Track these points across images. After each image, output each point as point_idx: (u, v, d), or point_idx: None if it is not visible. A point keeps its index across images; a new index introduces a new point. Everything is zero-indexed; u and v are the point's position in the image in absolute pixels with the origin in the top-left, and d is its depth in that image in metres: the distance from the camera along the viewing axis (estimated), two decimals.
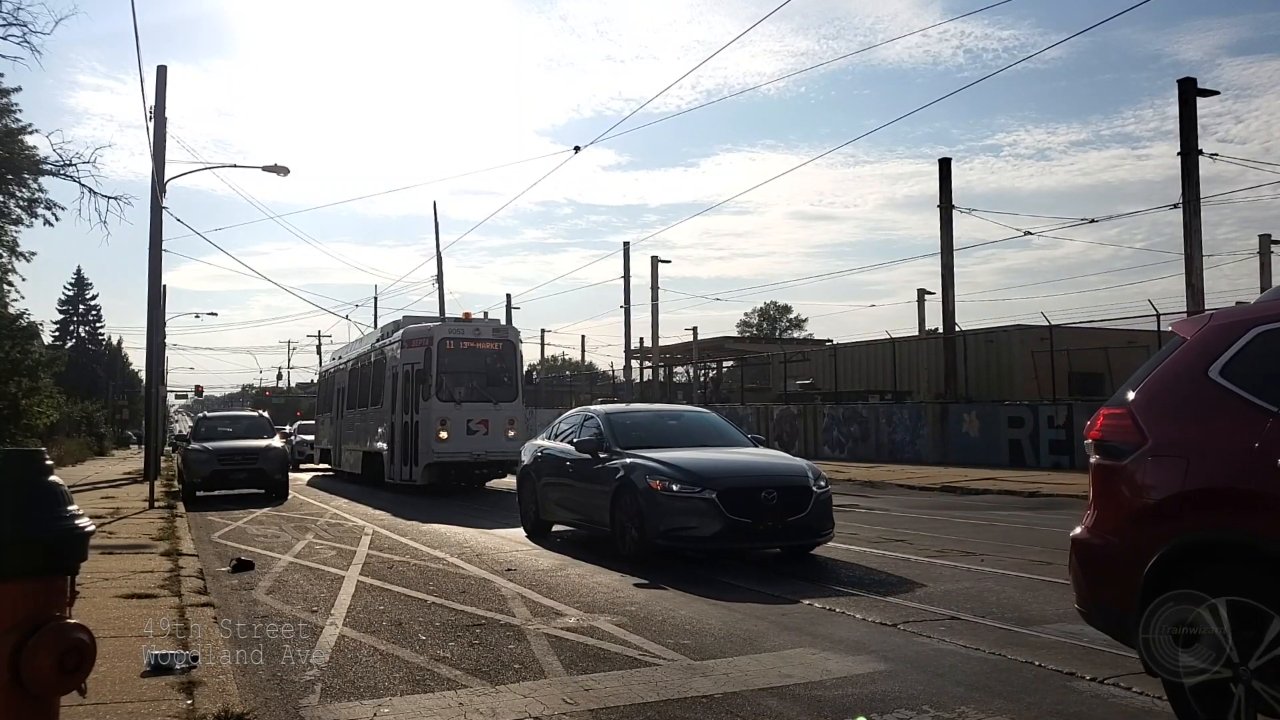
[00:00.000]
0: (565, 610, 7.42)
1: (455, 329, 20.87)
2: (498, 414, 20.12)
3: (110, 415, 63.41)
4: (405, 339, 21.07)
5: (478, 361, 20.80)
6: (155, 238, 23.82)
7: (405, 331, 21.52)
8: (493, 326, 21.84)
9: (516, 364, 21.23)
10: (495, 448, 19.85)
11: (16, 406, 27.85)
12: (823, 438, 32.10)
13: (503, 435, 19.91)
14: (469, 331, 20.85)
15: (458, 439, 19.63)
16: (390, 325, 24.15)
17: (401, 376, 20.87)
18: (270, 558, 10.56)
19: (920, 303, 48.63)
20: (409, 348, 20.68)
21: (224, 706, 4.58)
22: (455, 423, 19.67)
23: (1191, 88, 22.72)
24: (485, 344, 20.88)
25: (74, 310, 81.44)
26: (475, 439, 19.81)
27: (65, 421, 42.49)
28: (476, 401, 20.13)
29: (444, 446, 19.52)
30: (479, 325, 21.35)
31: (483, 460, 20.09)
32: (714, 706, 4.93)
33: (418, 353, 20.26)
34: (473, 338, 20.73)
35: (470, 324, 21.28)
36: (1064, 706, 4.92)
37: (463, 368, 20.58)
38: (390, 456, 21.18)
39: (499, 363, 21.00)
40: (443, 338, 20.36)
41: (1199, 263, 22.48)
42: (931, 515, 14.73)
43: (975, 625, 6.75)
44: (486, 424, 19.93)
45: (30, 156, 29.34)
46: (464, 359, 20.58)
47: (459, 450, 19.69)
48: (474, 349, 20.68)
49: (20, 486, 2.97)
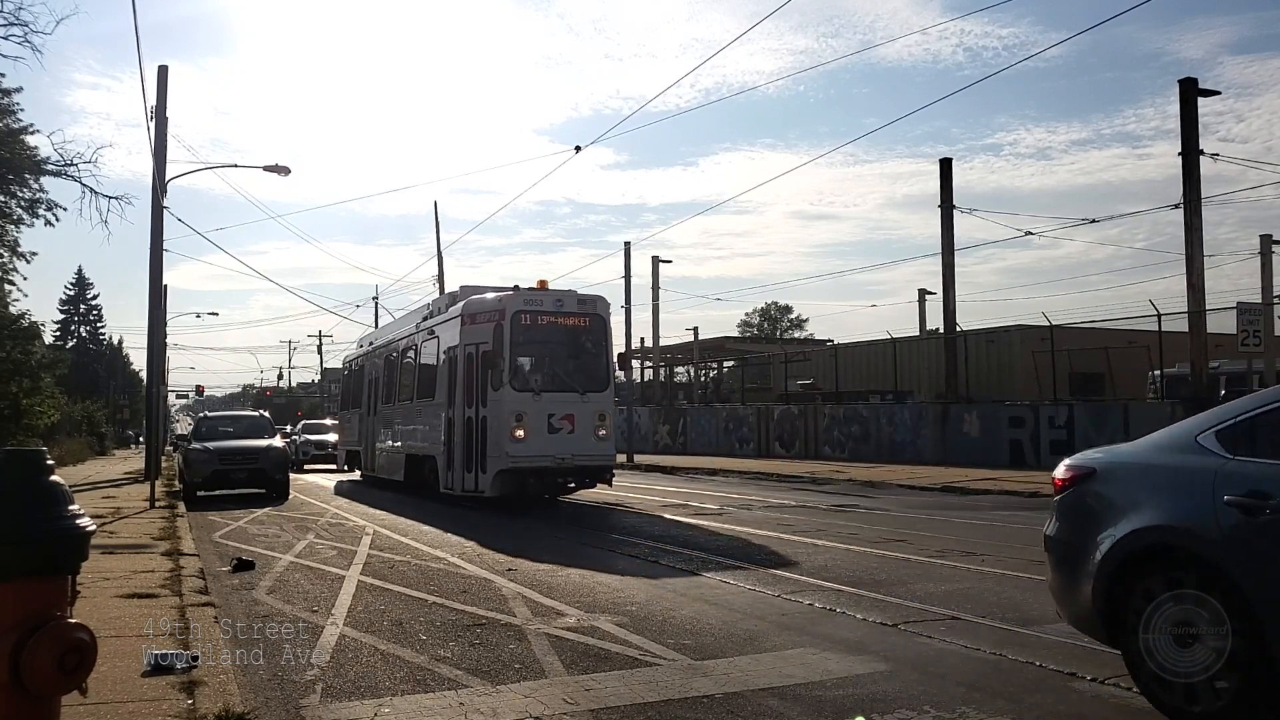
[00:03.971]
0: (566, 610, 7.42)
1: (532, 300, 16.64)
2: (585, 407, 16.31)
3: (111, 415, 63.43)
4: (467, 314, 17.09)
5: (561, 341, 16.94)
6: (156, 237, 23.81)
7: (466, 305, 17.39)
8: (578, 298, 17.23)
9: (607, 344, 17.26)
10: (583, 450, 16.14)
11: (17, 406, 27.85)
12: (823, 437, 32.10)
13: (591, 434, 16.22)
14: (549, 303, 16.70)
15: (537, 439, 15.82)
16: (443, 299, 20.17)
17: (462, 361, 16.91)
18: (271, 557, 10.56)
19: (921, 303, 48.57)
20: (472, 324, 16.82)
21: (225, 706, 4.58)
22: (534, 418, 15.86)
23: (1193, 87, 22.71)
24: (570, 319, 16.82)
25: (75, 310, 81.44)
26: (559, 439, 15.96)
27: (66, 421, 42.49)
28: (560, 391, 16.32)
29: (520, 448, 15.75)
30: (561, 296, 17.01)
31: (568, 466, 16.06)
32: (714, 706, 4.93)
33: (484, 330, 16.44)
34: (554, 311, 16.66)
35: (550, 294, 16.97)
36: (1064, 707, 4.92)
37: (542, 349, 16.90)
38: (447, 461, 17.20)
39: (587, 342, 17.04)
40: (517, 310, 16.28)
41: (1200, 263, 22.46)
42: (932, 515, 14.72)
43: (976, 625, 6.75)
44: (572, 420, 16.11)
45: (31, 156, 29.34)
46: (544, 337, 16.81)
47: (539, 453, 15.83)
48: (556, 325, 16.74)
49: (21, 486, 2.97)
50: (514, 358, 16.23)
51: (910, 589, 8.22)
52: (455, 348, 17.25)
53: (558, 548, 11.25)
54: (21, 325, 30.16)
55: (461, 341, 16.97)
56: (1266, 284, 30.90)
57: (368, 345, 26.97)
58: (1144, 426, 25.67)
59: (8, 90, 29.06)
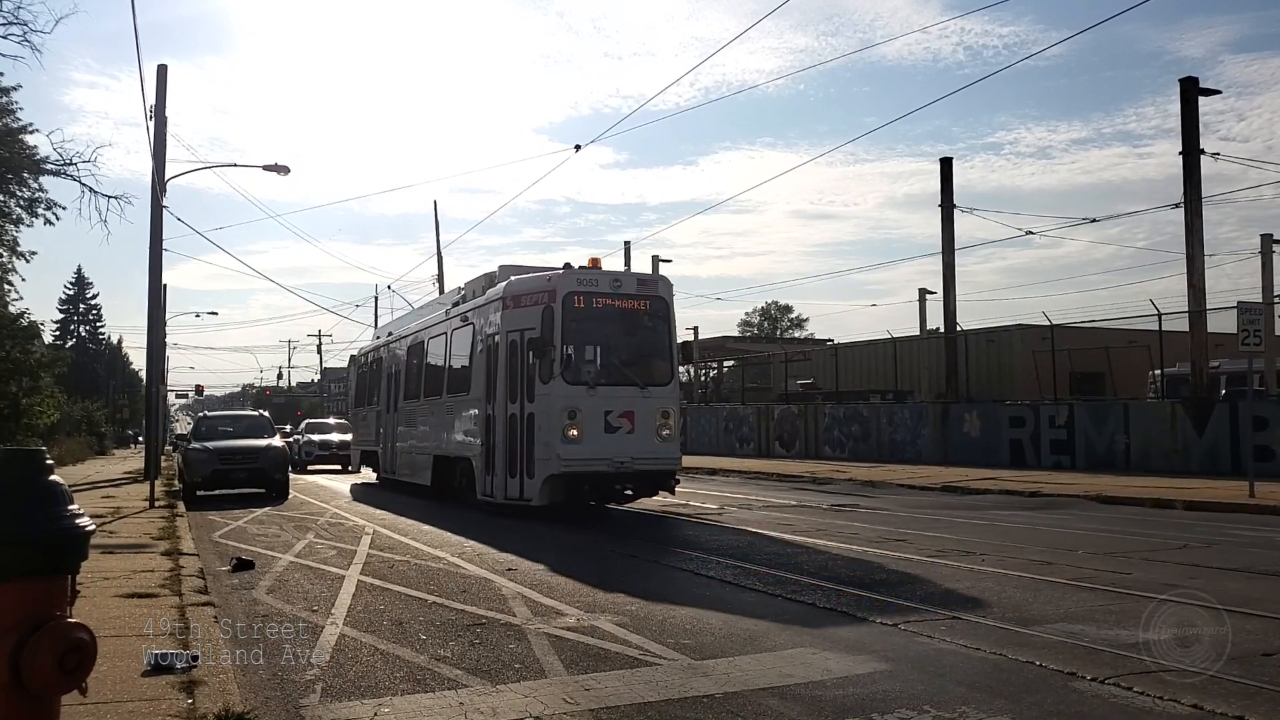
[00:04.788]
0: (566, 610, 7.42)
1: (586, 280, 14.60)
2: (646, 403, 14.34)
3: (111, 414, 63.39)
4: (510, 296, 15.10)
5: (618, 327, 15.00)
6: (155, 237, 23.81)
7: (510, 286, 15.34)
8: (637, 278, 15.58)
9: (670, 331, 15.24)
10: (644, 452, 14.15)
11: (17, 406, 27.87)
12: (823, 437, 32.10)
13: (652, 434, 14.28)
14: (605, 283, 14.71)
15: (593, 439, 13.91)
16: (478, 280, 17.80)
17: (503, 350, 14.97)
18: (271, 557, 10.56)
19: (921, 302, 48.67)
20: (516, 308, 14.88)
21: (224, 706, 4.57)
22: (589, 415, 13.95)
23: (1193, 87, 22.72)
24: (628, 302, 14.82)
25: (74, 309, 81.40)
26: (617, 439, 14.04)
27: (66, 421, 42.50)
28: (618, 385, 14.45)
29: (574, 450, 13.83)
30: (619, 276, 15.21)
31: (627, 470, 14.12)
32: (715, 706, 4.93)
33: (530, 314, 14.43)
34: (611, 292, 14.65)
35: (606, 273, 15.04)
36: (1065, 706, 4.91)
37: (598, 335, 15.04)
38: (485, 464, 15.22)
39: (648, 328, 15.12)
40: (570, 291, 14.30)
41: (1200, 262, 22.47)
42: (932, 515, 14.73)
43: (976, 625, 6.75)
44: (631, 417, 14.17)
45: (30, 156, 29.36)
46: (600, 323, 14.82)
47: (595, 455, 13.89)
48: (613, 308, 14.70)
49: (21, 486, 2.97)
50: (566, 346, 14.34)
51: (910, 589, 8.22)
52: (495, 335, 15.36)
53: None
54: (21, 325, 30.19)
55: (503, 328, 15.08)
56: (1267, 283, 30.94)
57: (386, 336, 24.90)
58: (1144, 426, 25.65)
59: (6, 89, 29.15)
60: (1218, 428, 21.46)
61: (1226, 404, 21.83)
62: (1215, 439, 21.45)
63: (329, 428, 34.60)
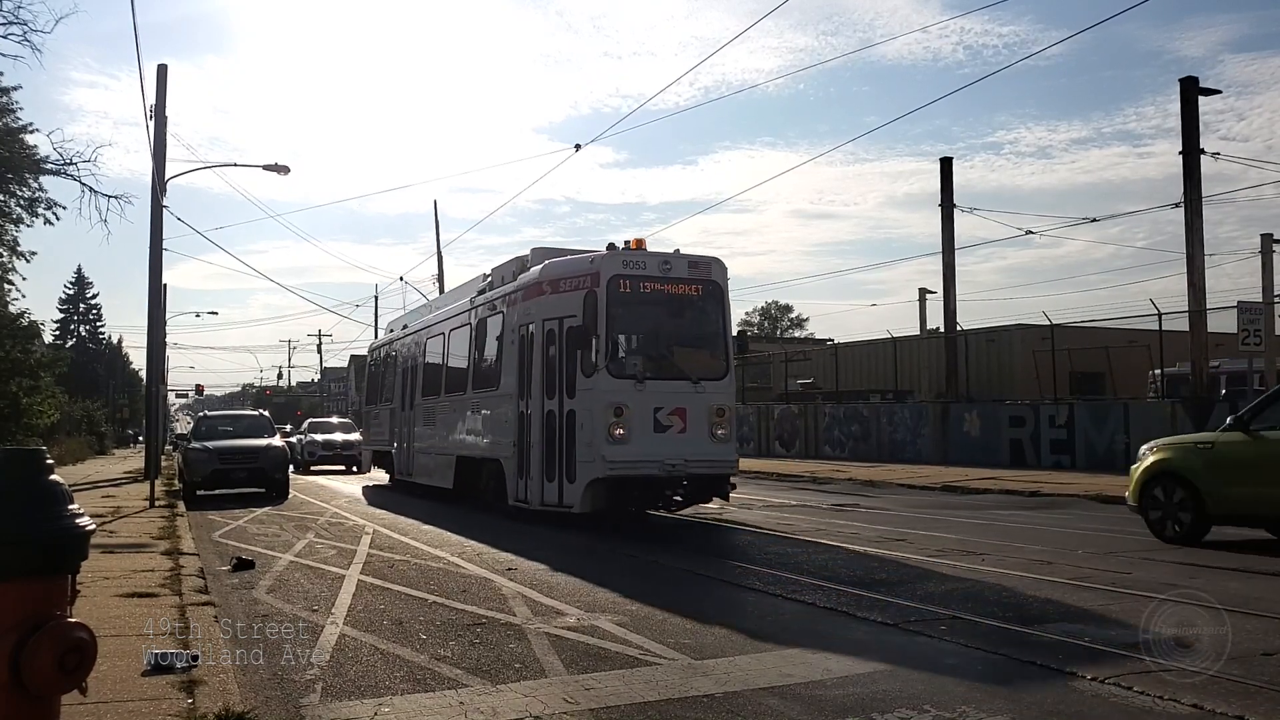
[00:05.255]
0: (566, 609, 7.42)
1: (633, 261, 13.17)
2: (700, 399, 12.98)
3: (111, 414, 63.44)
4: (547, 280, 13.73)
5: (669, 314, 13.70)
6: (155, 236, 23.82)
7: (546, 270, 13.95)
8: (688, 260, 13.63)
9: (725, 319, 13.86)
10: (698, 454, 12.84)
11: (17, 406, 27.85)
12: (823, 437, 32.11)
13: (706, 433, 12.95)
14: (654, 266, 13.25)
15: (642, 439, 12.56)
16: (508, 265, 16.23)
17: (539, 340, 13.64)
18: (271, 557, 10.56)
19: (921, 302, 48.70)
20: (554, 294, 13.50)
21: (225, 705, 4.57)
22: (637, 412, 12.60)
23: (1193, 86, 22.72)
24: (680, 286, 13.42)
25: (74, 309, 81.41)
26: (668, 439, 12.69)
27: (66, 420, 42.51)
28: (668, 378, 13.09)
29: (620, 451, 12.46)
30: (668, 258, 13.49)
31: (679, 474, 12.80)
32: (715, 706, 4.93)
33: (570, 300, 13.07)
34: (660, 276, 13.26)
35: (654, 255, 13.43)
36: (1065, 706, 4.91)
37: (646, 324, 13.69)
38: (518, 466, 13.90)
39: (701, 316, 13.81)
40: (615, 275, 12.95)
41: (1201, 262, 22.48)
42: (932, 515, 14.73)
43: (976, 625, 6.74)
44: (683, 415, 12.83)
45: (30, 155, 29.38)
46: (648, 310, 13.52)
47: (643, 457, 12.54)
48: (662, 293, 13.36)
49: (21, 486, 2.97)
50: (611, 335, 12.98)
51: (910, 588, 8.22)
52: (530, 324, 13.96)
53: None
54: (21, 324, 30.19)
55: (539, 315, 13.71)
56: (1267, 283, 30.93)
57: (400, 329, 23.54)
58: (1144, 426, 25.70)
59: (6, 89, 29.17)
60: (1218, 427, 21.43)
61: (1226, 404, 21.81)
62: None
63: (332, 427, 34.15)
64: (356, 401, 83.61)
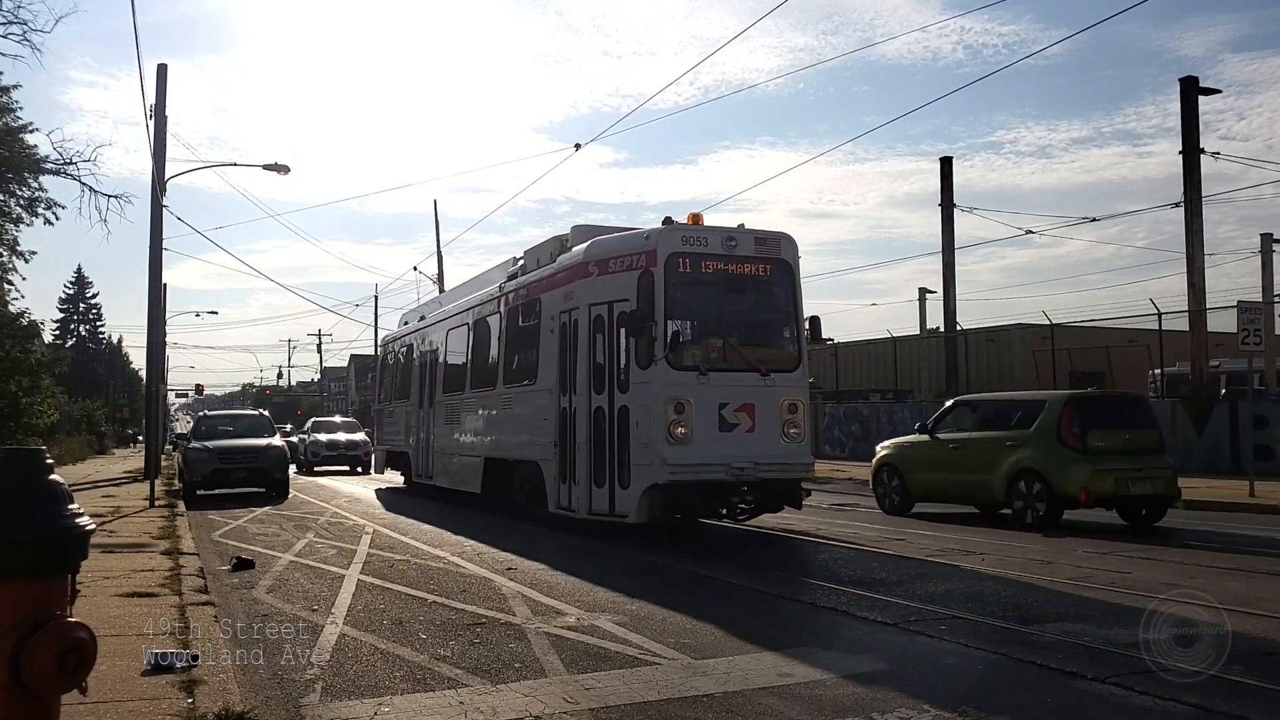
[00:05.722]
0: (566, 609, 7.42)
1: (694, 238, 11.67)
2: (769, 394, 11.55)
3: (111, 414, 63.44)
4: (595, 260, 12.26)
5: (735, 297, 12.17)
6: (155, 236, 23.81)
7: (593, 248, 12.49)
8: (755, 236, 12.05)
9: (796, 302, 12.28)
10: (769, 455, 11.36)
11: (17, 405, 27.86)
12: (824, 436, 32.10)
13: (777, 433, 11.52)
14: (717, 242, 11.71)
15: (705, 439, 11.14)
16: (544, 246, 14.52)
17: (585, 328, 12.20)
18: (271, 556, 10.56)
19: (921, 301, 48.72)
20: (601, 275, 12.08)
21: (224, 705, 4.57)
22: (700, 409, 11.17)
23: (1193, 86, 22.75)
24: (745, 266, 11.93)
25: (74, 309, 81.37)
26: (735, 439, 11.27)
27: (66, 420, 42.51)
28: (734, 370, 11.58)
29: (682, 453, 11.02)
30: (733, 234, 11.91)
31: (748, 478, 11.28)
32: (715, 705, 4.92)
33: (622, 282, 11.71)
34: (724, 254, 11.73)
35: (716, 231, 11.88)
36: (1065, 706, 4.91)
37: (710, 308, 12.14)
38: (560, 469, 12.49)
39: (770, 300, 12.37)
40: (674, 253, 11.49)
41: (1200, 262, 22.51)
42: (932, 514, 14.72)
43: (976, 624, 6.75)
44: (751, 411, 11.40)
45: (30, 155, 29.40)
46: (712, 292, 12.02)
47: (707, 459, 11.09)
48: (726, 274, 11.86)
49: (21, 486, 2.97)
50: (670, 321, 11.45)
51: (910, 588, 8.22)
52: (573, 310, 12.51)
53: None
54: (21, 324, 30.19)
55: (585, 300, 12.25)
56: (1267, 282, 30.96)
57: (417, 320, 21.95)
58: None
59: (6, 88, 29.21)
60: (1217, 427, 21.46)
61: (1226, 403, 21.84)
62: (1215, 438, 21.46)
63: (335, 426, 33.46)
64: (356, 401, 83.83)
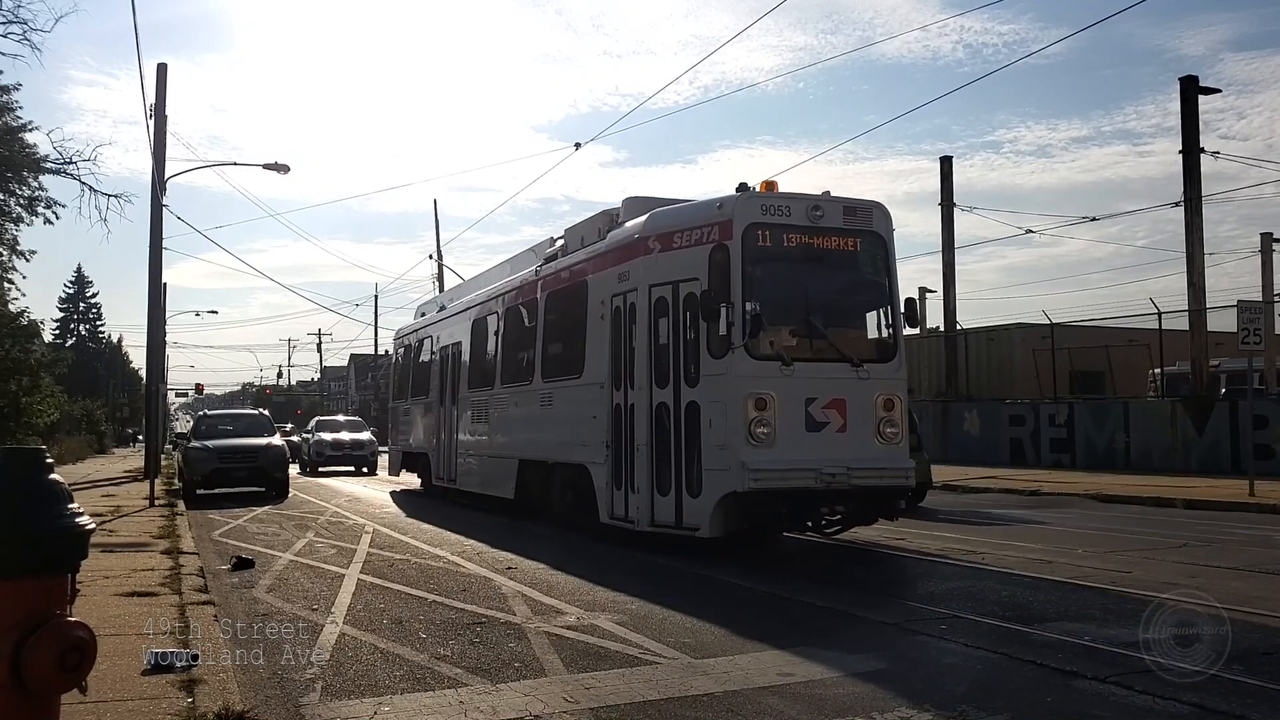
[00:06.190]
0: (566, 608, 7.42)
1: (774, 207, 10.19)
2: (862, 389, 10.08)
3: (111, 413, 63.46)
4: (656, 234, 10.83)
5: (822, 277, 10.62)
6: (155, 235, 23.80)
7: (654, 220, 11.08)
8: (843, 205, 10.54)
9: (892, 283, 10.78)
10: (864, 459, 9.89)
11: (17, 405, 27.88)
12: None
13: (872, 433, 10.06)
14: (801, 213, 10.23)
15: (791, 440, 9.69)
16: (590, 222, 13.22)
17: (645, 311, 10.76)
18: (271, 556, 10.56)
19: (921, 301, 48.58)
20: (665, 251, 10.65)
21: (224, 705, 4.57)
22: (785, 405, 9.71)
23: (1193, 86, 22.73)
24: (834, 240, 10.43)
25: (74, 308, 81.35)
26: (824, 440, 9.82)
27: (66, 420, 42.53)
28: (823, 360, 10.11)
29: (764, 456, 9.54)
30: (819, 203, 10.36)
31: (840, 486, 9.67)
32: (715, 705, 4.92)
33: (690, 259, 10.33)
34: (809, 226, 10.25)
35: (799, 199, 10.38)
36: (1065, 705, 4.91)
37: (795, 289, 10.51)
38: (614, 474, 11.10)
39: (860, 279, 10.94)
40: (753, 223, 10.03)
41: (1200, 261, 22.49)
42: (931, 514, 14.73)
43: (976, 624, 6.75)
44: (843, 408, 9.95)
45: (30, 154, 29.41)
46: (796, 270, 10.45)
47: (794, 464, 9.61)
48: (812, 249, 10.32)
49: (21, 485, 2.98)
50: (749, 303, 9.95)
51: (910, 588, 8.23)
52: (630, 292, 11.09)
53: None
54: (21, 323, 30.20)
55: (644, 280, 10.83)
56: (1267, 282, 30.96)
57: (436, 311, 20.43)
58: (1144, 425, 25.58)
59: (6, 87, 29.25)
60: (1217, 426, 21.46)
61: (1226, 403, 21.84)
62: (1215, 438, 21.47)
63: (340, 425, 32.50)
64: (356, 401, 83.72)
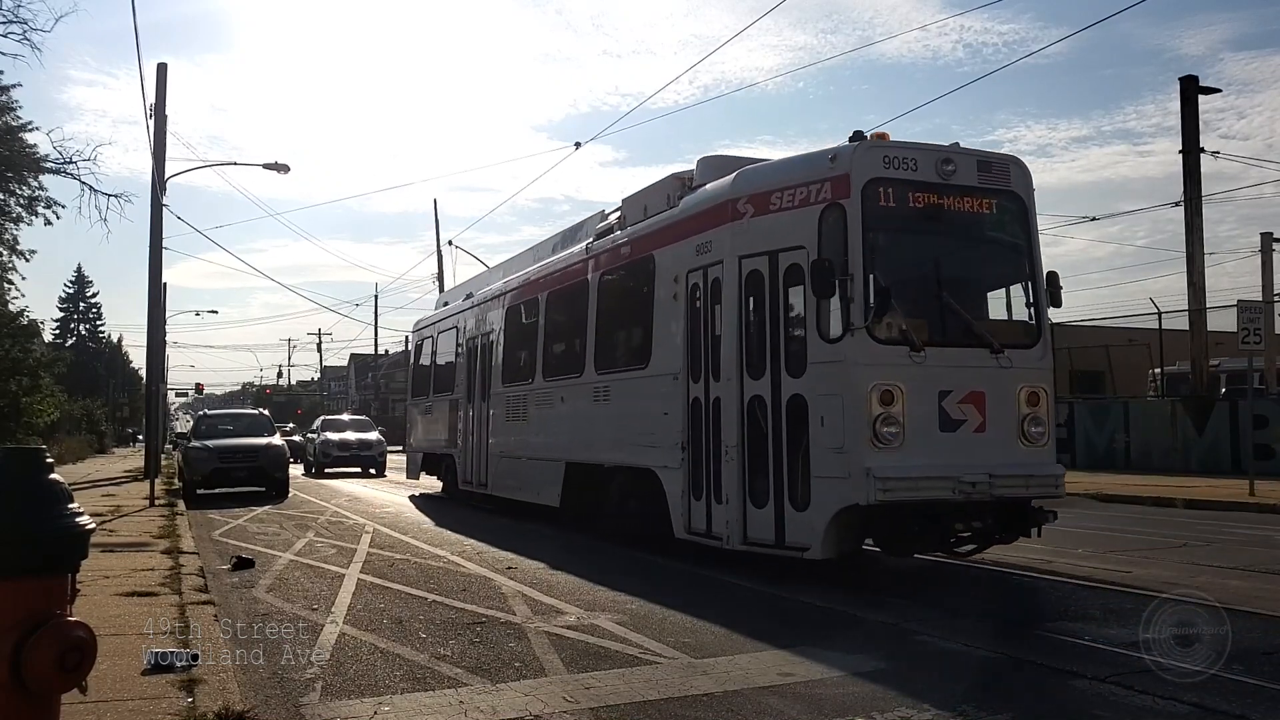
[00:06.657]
0: (566, 608, 7.42)
1: (898, 159, 8.44)
2: (1004, 380, 8.43)
3: (111, 413, 63.46)
4: (748, 195, 9.12)
5: (952, 244, 9.03)
6: (155, 235, 23.80)
7: (742, 179, 9.38)
8: (977, 159, 8.85)
9: (1034, 253, 9.07)
10: (1006, 465, 8.25)
11: (17, 405, 27.89)
12: None
13: (1014, 433, 8.44)
14: (928, 167, 8.50)
15: (922, 441, 8.03)
16: (658, 188, 11.22)
17: (732, 287, 9.12)
18: (271, 556, 10.56)
19: None
20: (757, 215, 8.97)
21: (224, 704, 4.57)
22: (914, 399, 8.05)
23: (1193, 85, 22.73)
24: (967, 201, 8.70)
25: (74, 308, 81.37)
26: (961, 441, 8.18)
27: (66, 419, 42.53)
28: (957, 346, 8.44)
29: (890, 461, 7.88)
30: (949, 156, 8.65)
31: (981, 498, 8.08)
32: (715, 705, 4.92)
33: (791, 224, 8.66)
34: (938, 184, 8.52)
35: (926, 151, 8.62)
36: (1064, 705, 4.91)
37: (921, 259, 8.91)
38: (693, 480, 9.55)
39: (998, 248, 9.22)
40: (874, 178, 8.31)
41: (1200, 261, 22.49)
42: None
43: (976, 624, 6.75)
44: (981, 404, 8.28)
45: (30, 154, 29.42)
46: (925, 237, 8.81)
47: (927, 471, 7.97)
48: (942, 211, 8.59)
49: (21, 485, 2.98)
50: (871, 275, 8.24)
51: (910, 588, 8.22)
52: (709, 267, 9.47)
53: None
54: (21, 323, 30.22)
55: (732, 251, 9.14)
56: (1267, 281, 30.93)
57: (462, 299, 18.44)
58: (1144, 425, 25.57)
59: (6, 87, 29.30)
60: (1218, 426, 21.46)
61: (1226, 403, 21.84)
62: (1215, 437, 21.46)
63: (346, 425, 31.95)
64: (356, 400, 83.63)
